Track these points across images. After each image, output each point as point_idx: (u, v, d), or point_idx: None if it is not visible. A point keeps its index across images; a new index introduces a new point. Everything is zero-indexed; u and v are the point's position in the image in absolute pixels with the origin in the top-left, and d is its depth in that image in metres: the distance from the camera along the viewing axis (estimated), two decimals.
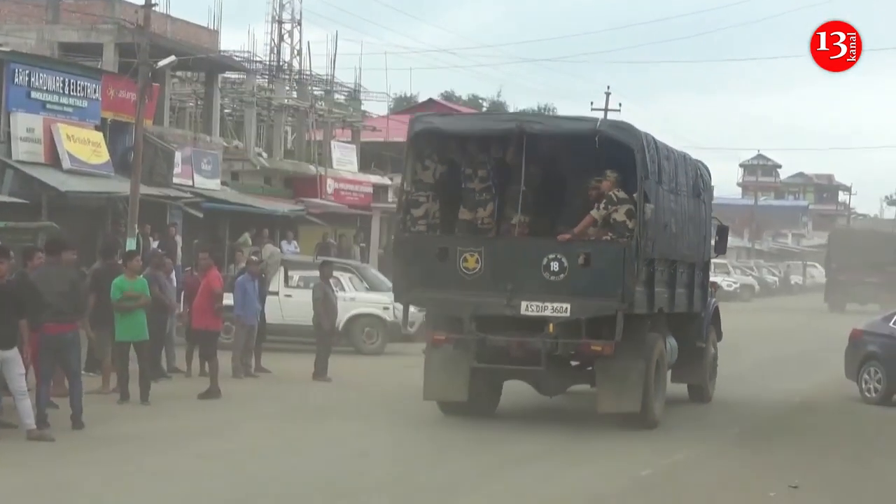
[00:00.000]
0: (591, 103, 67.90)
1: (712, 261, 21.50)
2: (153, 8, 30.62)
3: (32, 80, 28.95)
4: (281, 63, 48.43)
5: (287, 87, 47.68)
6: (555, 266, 16.57)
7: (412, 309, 18.64)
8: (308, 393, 20.91)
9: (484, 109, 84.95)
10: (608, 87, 68.37)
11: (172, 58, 30.11)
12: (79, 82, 30.31)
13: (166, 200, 32.22)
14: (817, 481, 14.29)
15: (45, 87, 29.31)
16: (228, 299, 22.03)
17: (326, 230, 40.62)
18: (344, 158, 48.03)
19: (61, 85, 29.77)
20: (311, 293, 23.69)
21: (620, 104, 71.19)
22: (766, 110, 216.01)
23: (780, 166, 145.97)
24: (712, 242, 21.17)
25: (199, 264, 22.34)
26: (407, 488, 12.77)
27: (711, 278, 22.07)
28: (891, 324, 22.74)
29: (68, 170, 28.96)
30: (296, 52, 49.28)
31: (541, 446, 15.90)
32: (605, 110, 67.01)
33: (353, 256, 38.34)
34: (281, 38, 49.66)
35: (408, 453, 15.00)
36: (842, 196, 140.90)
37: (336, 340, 24.76)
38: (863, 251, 58.36)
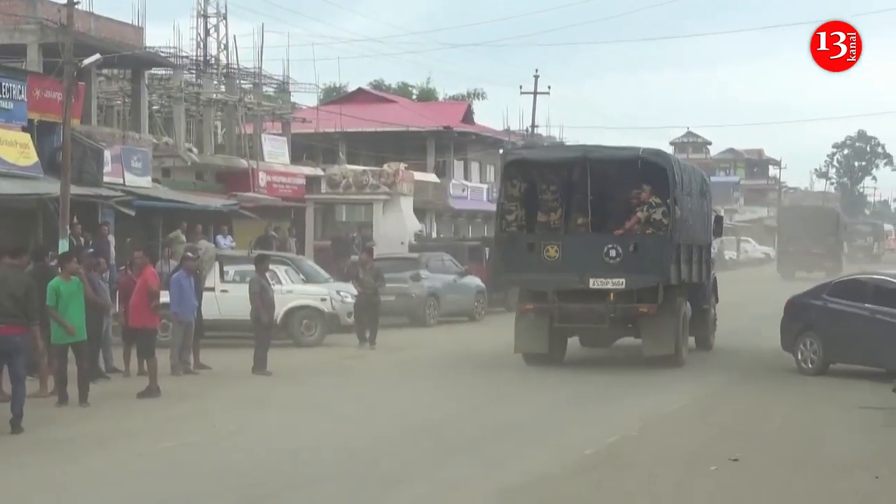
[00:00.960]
0: (521, 87, 68.13)
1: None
2: (76, 6, 30.30)
3: None
4: (208, 58, 48.14)
5: (215, 82, 47.43)
6: (612, 253, 22.94)
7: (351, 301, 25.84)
8: (248, 387, 20.84)
9: (414, 97, 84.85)
10: (536, 71, 68.52)
11: (97, 56, 29.82)
12: (3, 84, 29.92)
13: (97, 200, 31.95)
14: (757, 454, 14.43)
15: None
16: (165, 297, 21.90)
17: (269, 223, 40.48)
18: (275, 151, 47.89)
19: None
20: (248, 287, 23.62)
21: (549, 87, 71.43)
22: (693, 88, 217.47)
23: (710, 143, 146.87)
24: (712, 229, 27.84)
25: (135, 263, 22.16)
26: (342, 482, 12.75)
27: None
28: (824, 295, 23.00)
29: None
30: (222, 46, 49.02)
31: (485, 431, 15.96)
32: (535, 93, 67.22)
33: (290, 249, 38.25)
34: (207, 32, 49.30)
35: (348, 446, 14.98)
36: (772, 170, 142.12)
37: (274, 334, 24.69)
38: (808, 225, 65.97)
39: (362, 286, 27.86)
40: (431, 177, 60.36)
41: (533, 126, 69.34)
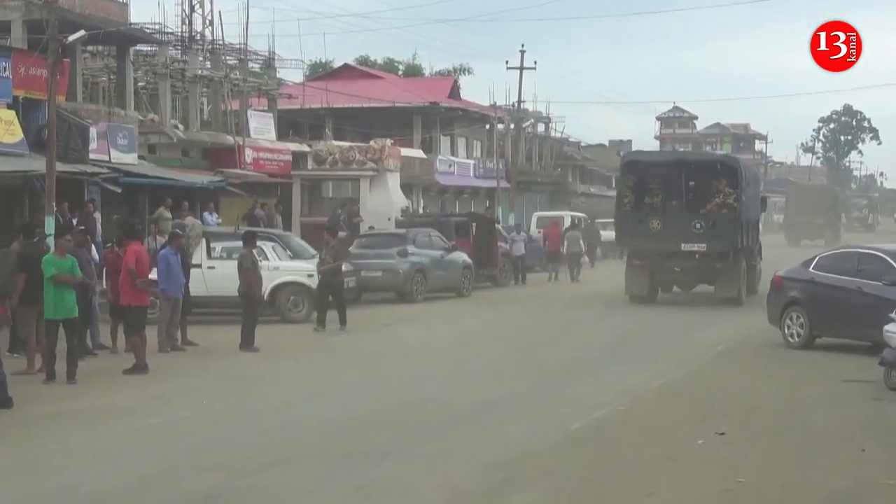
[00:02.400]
0: (507, 62, 68.16)
1: None
2: None
3: None
4: (193, 34, 47.96)
5: (200, 58, 47.24)
6: (698, 226, 32.22)
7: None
8: (235, 364, 20.86)
9: (400, 72, 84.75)
10: (522, 46, 68.52)
11: (82, 32, 29.69)
12: None
13: (83, 177, 31.88)
14: (744, 427, 14.48)
15: None
16: (153, 273, 21.87)
17: (256, 200, 40.41)
18: (261, 127, 47.76)
19: None
20: (238, 262, 23.61)
21: (536, 62, 71.35)
22: (679, 63, 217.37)
23: (696, 118, 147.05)
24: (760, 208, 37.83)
25: (122, 240, 22.13)
26: (328, 457, 12.77)
27: None
28: (810, 269, 23.03)
29: None
30: (207, 21, 48.84)
31: (472, 407, 16.00)
32: (521, 68, 67.16)
33: (276, 225, 38.22)
34: (192, 8, 49.11)
35: (334, 421, 15.00)
36: (758, 145, 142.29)
37: (261, 310, 24.68)
38: (811, 201, 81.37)
39: (321, 265, 26.81)
40: (418, 152, 60.33)
41: (519, 101, 69.34)
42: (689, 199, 32.87)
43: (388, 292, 34.31)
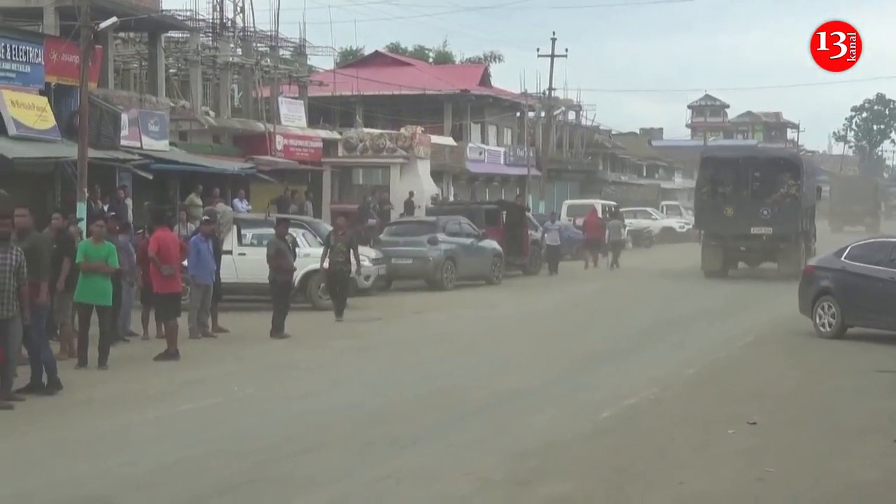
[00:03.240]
0: (538, 50, 67.89)
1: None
2: None
3: None
4: (224, 20, 47.99)
5: (231, 45, 47.30)
6: (765, 212, 37.92)
7: (368, 265, 28.91)
8: (266, 350, 20.90)
9: (430, 60, 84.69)
10: (553, 33, 68.33)
11: (114, 19, 29.72)
12: (20, 47, 29.93)
13: (115, 163, 31.96)
14: (775, 417, 14.43)
15: None
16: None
17: (286, 187, 40.49)
18: (292, 114, 47.81)
19: (3, 50, 29.39)
20: (266, 249, 23.66)
21: (567, 49, 71.12)
22: (711, 51, 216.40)
23: (727, 106, 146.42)
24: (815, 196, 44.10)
25: (152, 227, 22.20)
26: (356, 444, 12.78)
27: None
28: (842, 258, 22.92)
29: (14, 136, 28.66)
30: (239, 8, 48.81)
31: (501, 395, 15.99)
32: (552, 56, 66.95)
33: (307, 212, 38.28)
34: None
35: (364, 409, 15.01)
36: (790, 133, 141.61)
37: (292, 297, 24.71)
38: (853, 190, 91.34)
39: (332, 253, 25.98)
40: (448, 140, 60.29)
41: (550, 89, 69.13)
42: (756, 190, 38.43)
43: (418, 280, 34.32)
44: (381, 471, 11.42)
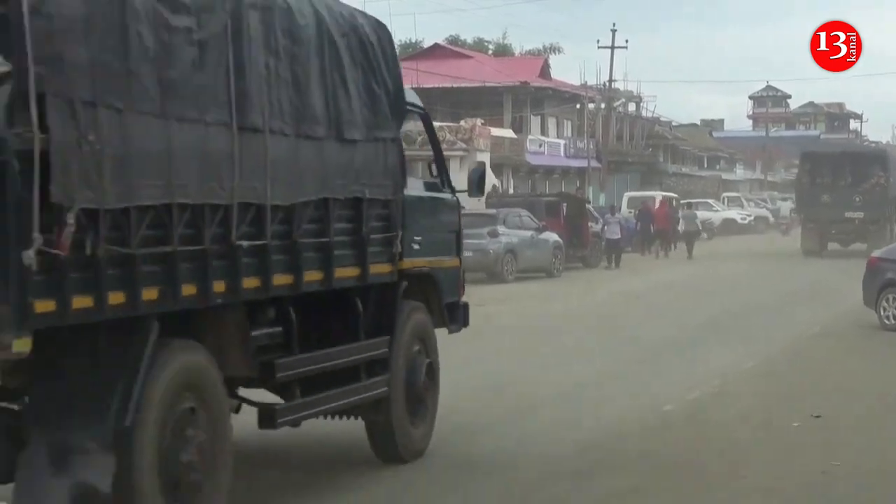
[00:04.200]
0: (598, 41, 67.83)
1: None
2: None
3: None
4: None
5: None
6: (857, 199, 44.67)
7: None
8: None
9: (490, 52, 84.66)
10: (614, 25, 68.25)
11: None
12: None
13: None
14: (840, 410, 14.32)
15: None
16: None
17: None
18: None
19: None
20: None
21: (627, 40, 70.95)
22: (772, 40, 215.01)
23: (789, 97, 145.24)
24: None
25: None
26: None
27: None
28: None
29: None
30: None
31: (563, 387, 15.98)
32: (612, 48, 66.88)
33: None
34: None
35: (447, 393, 15.03)
36: (853, 124, 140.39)
37: None
38: None
39: None
40: (508, 132, 60.28)
41: (610, 81, 69.04)
42: (848, 180, 45.76)
43: (479, 272, 34.35)
44: (451, 460, 11.57)
